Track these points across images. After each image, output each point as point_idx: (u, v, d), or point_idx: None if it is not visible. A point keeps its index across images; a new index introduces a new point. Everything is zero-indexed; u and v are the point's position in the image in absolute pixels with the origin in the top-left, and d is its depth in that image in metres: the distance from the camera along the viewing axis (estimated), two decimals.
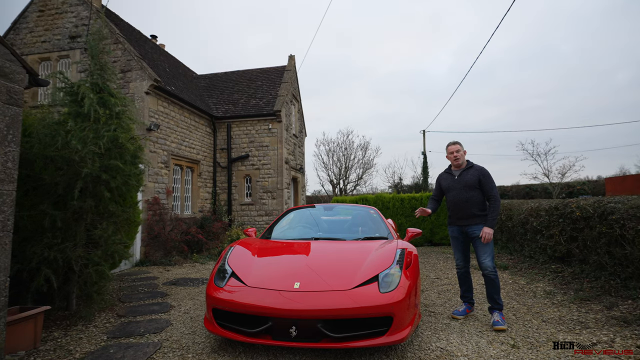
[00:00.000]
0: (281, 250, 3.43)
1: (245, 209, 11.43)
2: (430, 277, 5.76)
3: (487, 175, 3.48)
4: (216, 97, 12.62)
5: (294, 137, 13.39)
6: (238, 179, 11.53)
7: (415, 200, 9.96)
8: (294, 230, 4.24)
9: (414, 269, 2.97)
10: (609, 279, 4.24)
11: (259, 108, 11.72)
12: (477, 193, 3.47)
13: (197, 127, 10.54)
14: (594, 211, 4.39)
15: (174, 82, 10.27)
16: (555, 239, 5.30)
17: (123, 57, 8.17)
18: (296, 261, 3.07)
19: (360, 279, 2.68)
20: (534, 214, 5.97)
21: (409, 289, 2.70)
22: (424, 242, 9.89)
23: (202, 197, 10.73)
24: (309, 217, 4.63)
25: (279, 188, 11.31)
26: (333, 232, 4.08)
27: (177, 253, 8.16)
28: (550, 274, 5.19)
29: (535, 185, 28.93)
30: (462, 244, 3.67)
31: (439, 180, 3.82)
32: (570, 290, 4.41)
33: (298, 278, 2.73)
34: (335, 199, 10.75)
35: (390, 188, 27.45)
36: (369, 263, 2.90)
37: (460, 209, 3.54)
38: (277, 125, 11.46)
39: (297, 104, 14.17)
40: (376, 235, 3.89)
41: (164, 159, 8.69)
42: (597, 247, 4.44)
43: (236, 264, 3.06)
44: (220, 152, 11.58)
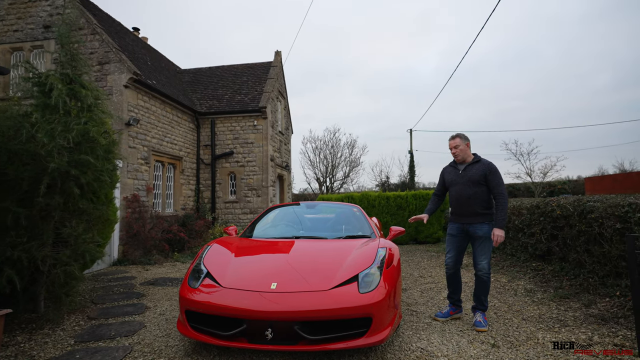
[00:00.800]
0: (260, 249, 3.33)
1: (229, 206, 11.25)
2: (414, 275, 5.75)
3: (494, 171, 3.24)
4: (200, 92, 12.36)
5: (280, 134, 13.24)
6: (222, 176, 11.33)
7: (401, 198, 9.97)
8: (275, 228, 4.14)
9: (395, 269, 2.92)
10: (588, 276, 4.27)
11: (244, 104, 11.53)
12: (482, 189, 3.25)
13: (180, 123, 10.29)
14: (574, 210, 4.42)
15: (156, 76, 9.99)
16: (536, 237, 5.34)
17: (101, 48, 7.88)
18: (274, 261, 2.98)
19: (340, 279, 2.61)
20: (515, 212, 6.01)
21: (389, 289, 2.64)
22: (409, 241, 9.91)
23: (184, 195, 10.50)
24: (290, 215, 4.55)
25: (264, 186, 11.17)
26: (315, 231, 4.01)
27: (158, 252, 7.94)
28: (531, 272, 5.24)
29: (518, 184, 29.54)
30: (458, 242, 3.43)
31: (443, 173, 3.61)
32: (550, 288, 4.45)
33: (275, 278, 2.63)
34: (321, 197, 10.69)
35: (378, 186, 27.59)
36: (349, 262, 2.83)
37: (462, 206, 3.34)
38: (262, 122, 11.30)
39: (283, 101, 14.02)
40: (358, 234, 3.82)
41: (144, 155, 8.44)
42: (576, 246, 4.47)
43: (212, 264, 2.95)
44: (204, 148, 11.35)
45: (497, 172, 3.27)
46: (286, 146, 14.38)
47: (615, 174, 24.97)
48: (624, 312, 3.40)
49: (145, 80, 8.46)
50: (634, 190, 17.21)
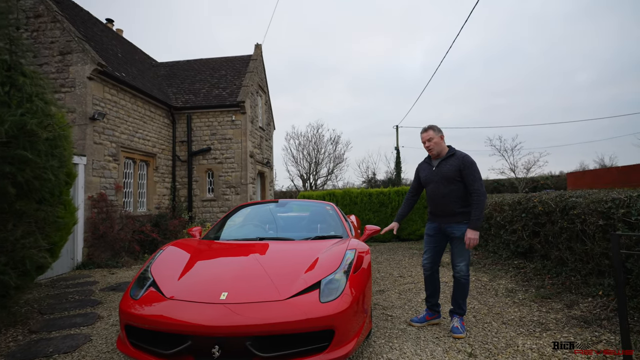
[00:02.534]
0: (218, 253, 3.04)
1: (207, 205, 10.90)
2: (393, 275, 5.55)
3: (469, 164, 2.98)
4: (176, 86, 11.91)
5: (261, 129, 12.90)
6: (199, 174, 10.97)
7: (384, 195, 9.79)
8: (241, 229, 3.88)
9: (364, 272, 2.66)
10: (570, 275, 4.16)
11: (222, 98, 11.16)
12: (458, 186, 3.02)
13: (153, 118, 9.85)
14: (556, 206, 4.28)
15: (127, 68, 9.50)
16: (518, 234, 5.22)
17: (62, 37, 7.38)
18: (230, 266, 2.69)
19: (300, 287, 2.34)
20: (497, 208, 5.88)
21: (356, 296, 2.39)
22: (392, 238, 9.74)
23: (159, 193, 10.08)
24: (260, 214, 4.29)
25: (243, 183, 10.84)
26: (284, 231, 3.75)
27: (127, 254, 7.53)
28: (512, 270, 5.11)
29: (502, 180, 29.90)
30: (436, 243, 3.22)
31: (418, 170, 3.37)
32: (532, 288, 4.31)
33: (227, 287, 2.35)
34: (302, 194, 10.41)
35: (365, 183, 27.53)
36: (312, 267, 2.56)
37: (438, 205, 3.12)
38: (241, 117, 10.95)
39: (264, 96, 13.66)
40: (330, 234, 3.58)
41: (112, 152, 7.99)
42: (558, 243, 4.35)
43: (160, 271, 2.64)
44: (180, 144, 10.97)
45: (473, 166, 3.02)
46: (267, 142, 14.05)
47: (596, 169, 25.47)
48: (607, 313, 3.24)
49: (113, 72, 7.99)
50: (614, 185, 17.52)
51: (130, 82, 8.64)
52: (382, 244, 9.24)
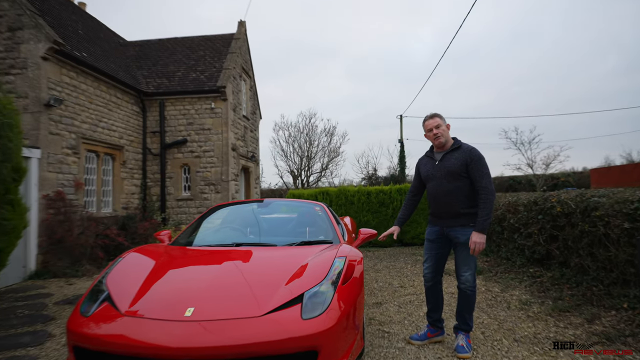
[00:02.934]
0: (186, 261, 2.98)
1: (182, 205, 10.82)
2: (393, 285, 5.53)
3: (477, 158, 2.95)
4: (147, 68, 11.76)
5: (245, 119, 12.80)
6: (174, 169, 10.89)
7: (384, 193, 9.76)
8: (217, 233, 3.83)
9: (355, 283, 2.61)
10: (591, 285, 4.16)
11: (200, 83, 11.05)
12: (464, 183, 3.00)
13: (120, 105, 9.72)
14: (576, 206, 4.27)
15: (89, 47, 9.33)
16: (534, 238, 5.22)
17: (12, 10, 7.20)
18: (199, 277, 2.63)
19: (279, 301, 2.28)
20: (511, 209, 5.88)
21: (343, 312, 2.34)
22: (393, 242, 9.73)
23: (127, 191, 9.97)
24: (238, 216, 4.27)
25: (224, 180, 10.76)
26: (265, 235, 3.71)
27: (89, 261, 7.42)
28: (527, 279, 5.11)
29: (519, 177, 30.07)
30: (437, 249, 3.19)
31: (418, 166, 3.35)
32: (548, 299, 4.31)
33: (194, 301, 2.28)
34: (291, 192, 10.35)
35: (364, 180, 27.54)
36: (295, 277, 2.51)
37: (440, 205, 3.09)
38: (221, 104, 10.85)
39: (248, 80, 13.55)
40: (318, 239, 3.53)
41: (71, 144, 7.85)
42: (579, 248, 4.35)
43: (118, 282, 2.56)
44: (152, 136, 10.86)
45: (481, 160, 2.96)
46: (252, 133, 13.96)
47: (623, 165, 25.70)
48: (632, 328, 3.23)
49: (72, 52, 7.84)
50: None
51: (93, 64, 8.48)
52: (382, 250, 9.22)
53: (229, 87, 10.96)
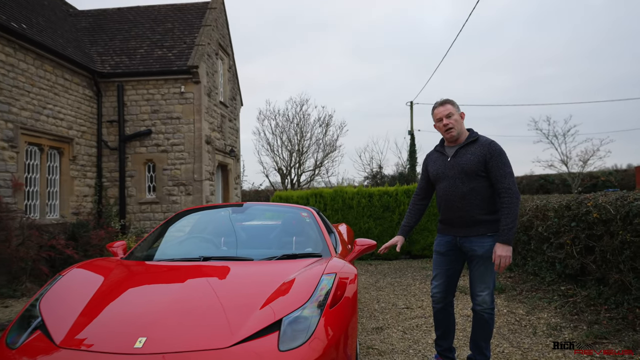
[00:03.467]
0: (141, 279, 2.93)
1: (146, 209, 10.80)
2: (397, 306, 5.54)
3: (497, 153, 2.95)
4: (103, 44, 11.72)
5: (222, 106, 12.76)
6: (136, 166, 10.84)
7: (389, 196, 9.77)
8: (182, 245, 3.84)
9: (345, 306, 2.58)
10: (634, 306, 4.16)
11: (167, 62, 11.03)
12: (482, 184, 3.00)
13: (69, 88, 9.65)
14: (616, 212, 4.28)
15: (30, 17, 9.24)
16: (567, 249, 5.24)
17: None
18: (154, 300, 2.58)
19: (251, 328, 2.24)
20: (540, 215, 5.90)
21: (331, 341, 2.30)
22: (400, 255, 9.72)
23: (78, 193, 9.92)
24: (210, 224, 4.29)
25: (197, 179, 10.74)
26: (241, 247, 3.71)
27: (30, 278, 7.36)
28: (558, 298, 5.13)
29: (551, 175, 30.24)
30: (449, 264, 3.17)
31: (426, 162, 3.35)
32: (582, 323, 4.32)
33: (147, 330, 2.23)
34: (278, 194, 10.33)
35: (368, 179, 27.59)
36: (272, 299, 2.47)
37: (453, 210, 3.08)
38: (193, 88, 10.82)
39: (226, 59, 13.51)
40: (304, 252, 3.51)
41: (7, 135, 7.77)
42: (619, 262, 4.36)
43: (54, 306, 2.51)
44: (108, 126, 10.81)
45: (503, 156, 2.96)
46: (232, 124, 13.92)
47: None
48: None
49: (8, 23, 7.75)
50: None
51: (35, 38, 8.40)
52: (387, 263, 9.23)
53: (202, 67, 10.91)
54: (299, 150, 20.98)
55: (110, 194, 10.76)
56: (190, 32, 11.88)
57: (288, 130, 21.13)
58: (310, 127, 21.34)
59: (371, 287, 6.73)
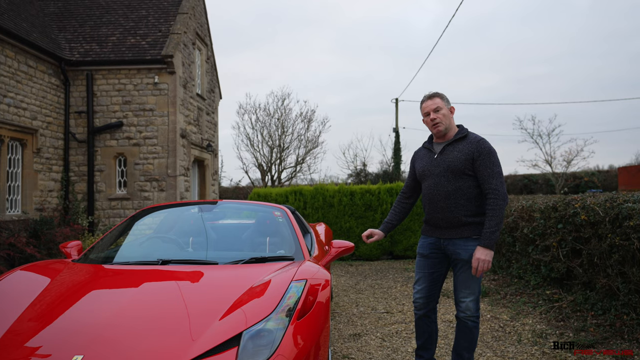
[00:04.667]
0: (87, 285, 2.68)
1: (116, 205, 10.58)
2: (377, 310, 5.39)
3: (486, 152, 2.88)
4: (72, 30, 11.41)
5: (199, 98, 12.48)
6: (106, 160, 10.61)
7: (371, 194, 9.64)
8: (142, 246, 3.66)
9: (316, 317, 2.39)
10: (622, 312, 4.09)
11: (141, 50, 10.76)
12: (469, 183, 2.92)
13: (33, 76, 9.34)
14: (605, 214, 4.20)
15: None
16: (552, 252, 5.18)
17: None
18: (97, 310, 2.34)
19: (207, 344, 2.03)
20: (525, 216, 5.82)
21: (298, 356, 2.10)
22: (382, 255, 9.62)
23: (42, 188, 9.61)
24: (176, 223, 4.10)
25: (171, 174, 10.48)
26: (203, 249, 3.52)
27: None
28: (543, 303, 5.07)
29: (535, 175, 30.69)
30: (432, 267, 3.08)
31: (414, 160, 3.29)
32: (568, 330, 4.24)
33: (85, 346, 2.00)
34: (256, 191, 10.11)
35: (351, 177, 27.51)
36: (233, 310, 2.26)
37: (437, 210, 2.99)
38: (167, 78, 10.58)
39: (204, 50, 13.20)
40: (276, 254, 3.32)
41: None
42: (607, 266, 4.28)
43: None
44: (76, 117, 10.54)
45: (492, 155, 2.87)
46: (210, 117, 13.63)
47: None
48: None
49: None
50: None
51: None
52: (368, 264, 9.09)
53: (177, 57, 10.62)
54: (280, 146, 20.71)
55: (78, 189, 10.51)
56: (165, 19, 11.56)
57: (269, 125, 20.85)
58: (291, 122, 21.09)
59: (350, 290, 6.58)
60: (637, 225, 3.77)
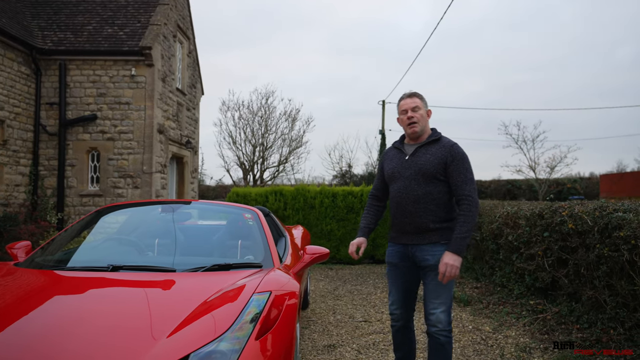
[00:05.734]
0: (24, 295, 2.39)
1: (88, 202, 10.22)
2: (355, 318, 5.19)
3: (460, 157, 2.83)
4: (46, 17, 11.01)
5: (179, 93, 12.13)
6: (78, 154, 10.25)
7: (353, 196, 9.46)
8: (95, 249, 3.41)
9: (280, 335, 2.15)
10: (609, 326, 3.96)
11: (118, 41, 10.42)
12: (440, 189, 2.84)
13: (1, 64, 8.92)
14: (594, 223, 4.05)
15: None
16: (537, 261, 5.05)
17: None
18: (29, 325, 2.05)
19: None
20: (510, 222, 5.68)
21: None
22: (363, 258, 9.41)
23: (8, 182, 9.22)
24: (139, 224, 3.83)
25: (146, 171, 10.14)
26: (164, 254, 3.25)
27: None
28: (527, 314, 4.92)
29: (519, 181, 30.89)
30: (404, 276, 2.96)
31: (382, 160, 3.19)
32: (553, 344, 4.07)
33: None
34: (235, 190, 9.84)
35: (337, 178, 27.35)
36: (182, 327, 2.00)
37: (405, 215, 2.88)
38: (145, 71, 10.23)
39: (186, 43, 12.86)
40: (242, 261, 3.09)
41: None
42: (594, 278, 4.15)
43: None
44: (48, 108, 10.17)
45: (465, 161, 2.82)
46: (190, 113, 13.28)
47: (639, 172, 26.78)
48: None
49: None
50: None
51: None
52: (349, 268, 8.88)
53: (156, 49, 10.27)
54: (263, 145, 20.37)
55: (48, 184, 10.12)
56: (145, 10, 11.20)
57: (252, 123, 20.49)
58: (275, 121, 20.76)
59: (329, 296, 6.35)
60: (627, 236, 3.62)
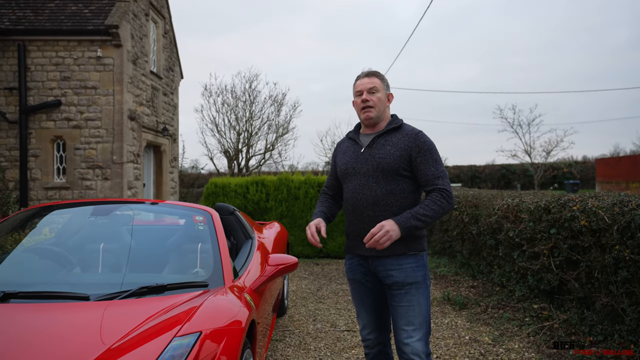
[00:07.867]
0: None
1: (54, 195, 9.81)
2: (337, 326, 4.78)
3: (427, 147, 2.43)
4: None
5: (154, 76, 11.50)
6: (41, 144, 9.86)
7: None
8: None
9: None
10: (628, 338, 3.52)
11: (82, 19, 9.87)
12: (404, 186, 2.44)
13: None
14: (613, 221, 3.56)
15: None
16: (543, 261, 4.58)
17: None
18: None
19: None
20: (510, 216, 5.20)
21: None
22: None
23: None
24: (63, 229, 3.25)
25: (117, 161, 9.68)
26: (87, 270, 2.70)
27: None
28: (530, 320, 4.50)
29: (513, 165, 30.68)
30: (370, 293, 2.56)
31: (336, 153, 2.76)
32: (562, 358, 3.66)
33: None
34: (213, 181, 9.28)
35: (329, 164, 26.87)
36: None
37: (362, 220, 2.45)
38: (113, 52, 9.74)
39: (161, 23, 12.17)
40: (182, 281, 2.51)
41: None
42: (610, 282, 3.71)
43: None
44: (7, 94, 9.77)
45: (434, 151, 2.42)
46: (167, 98, 12.65)
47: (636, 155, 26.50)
48: None
49: None
50: None
51: None
52: (336, 263, 8.41)
53: (125, 28, 9.65)
54: (248, 131, 19.69)
55: (9, 176, 9.70)
56: None
57: (236, 109, 19.77)
58: (260, 106, 20.07)
59: (310, 298, 5.84)
60: None
